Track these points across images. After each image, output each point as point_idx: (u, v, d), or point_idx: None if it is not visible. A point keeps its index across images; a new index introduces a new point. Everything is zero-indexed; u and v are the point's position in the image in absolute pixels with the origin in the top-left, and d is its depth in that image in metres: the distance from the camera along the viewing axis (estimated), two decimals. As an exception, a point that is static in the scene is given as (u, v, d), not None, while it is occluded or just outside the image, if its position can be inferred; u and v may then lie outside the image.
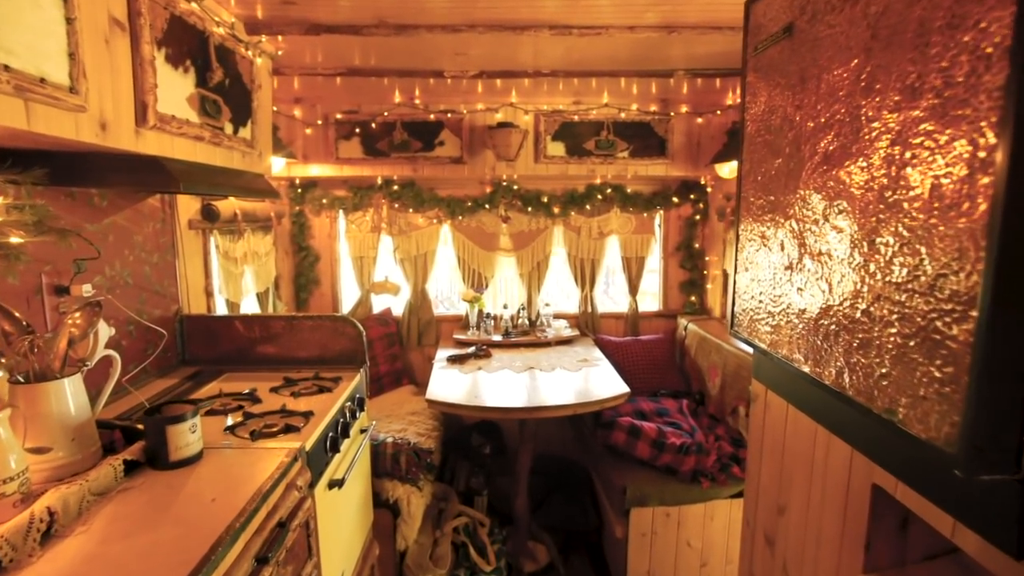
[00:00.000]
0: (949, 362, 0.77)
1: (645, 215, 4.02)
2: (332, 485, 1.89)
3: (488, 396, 2.87)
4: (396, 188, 3.82)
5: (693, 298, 4.10)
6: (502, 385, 3.04)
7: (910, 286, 0.85)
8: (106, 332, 1.56)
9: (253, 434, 1.73)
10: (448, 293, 4.42)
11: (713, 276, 3.97)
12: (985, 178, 0.72)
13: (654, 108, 3.60)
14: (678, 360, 3.91)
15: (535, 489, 3.51)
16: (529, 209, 3.91)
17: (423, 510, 2.73)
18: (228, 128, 1.95)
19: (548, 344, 3.80)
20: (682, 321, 3.97)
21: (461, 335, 3.88)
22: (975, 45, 0.73)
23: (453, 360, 3.45)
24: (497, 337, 3.82)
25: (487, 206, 3.88)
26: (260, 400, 2.07)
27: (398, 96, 3.45)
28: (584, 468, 3.72)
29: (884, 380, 0.91)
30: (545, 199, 3.88)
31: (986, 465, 0.75)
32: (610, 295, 4.80)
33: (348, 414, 2.14)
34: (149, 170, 1.55)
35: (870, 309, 0.94)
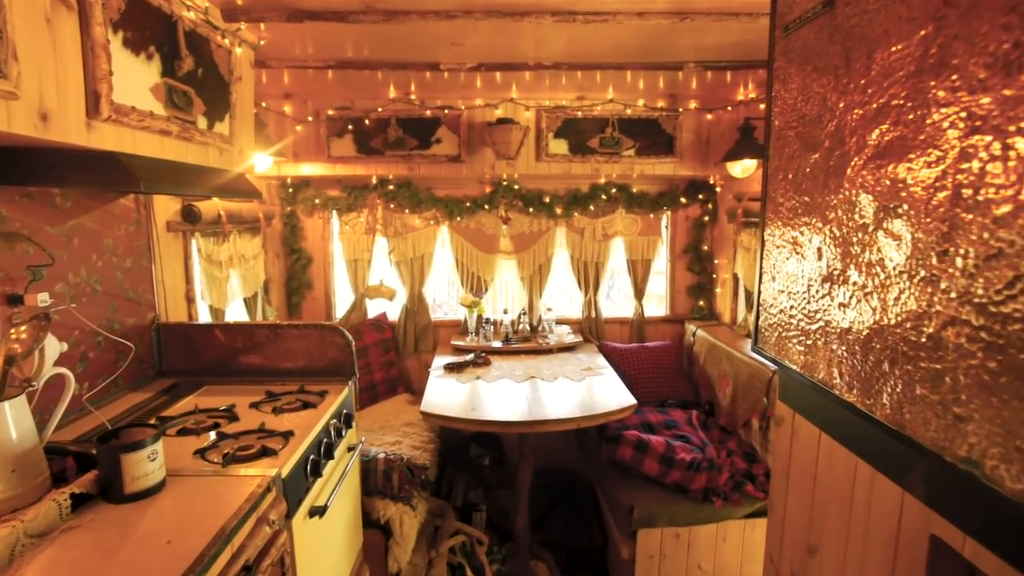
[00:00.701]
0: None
1: (651, 216, 3.85)
2: (313, 513, 1.72)
3: (487, 408, 2.71)
4: (392, 188, 3.65)
5: (701, 303, 3.93)
6: (502, 396, 2.87)
7: (1001, 309, 0.68)
8: (56, 348, 1.40)
9: (226, 458, 1.57)
10: (446, 297, 4.25)
11: (723, 280, 3.80)
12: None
13: (661, 104, 3.44)
14: (686, 368, 3.74)
15: (536, 503, 3.35)
16: (530, 210, 3.74)
17: (417, 530, 2.57)
18: (201, 122, 1.79)
19: (550, 351, 3.64)
20: (690, 327, 3.80)
21: (459, 341, 3.72)
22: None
23: (450, 368, 3.28)
24: (497, 343, 3.66)
25: (486, 207, 3.71)
26: (238, 417, 1.91)
27: (393, 91, 3.29)
28: (588, 480, 3.55)
29: (963, 423, 0.74)
30: (547, 199, 3.72)
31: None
32: (612, 298, 4.64)
33: (333, 432, 1.97)
34: (105, 167, 1.39)
35: (941, 335, 0.78)
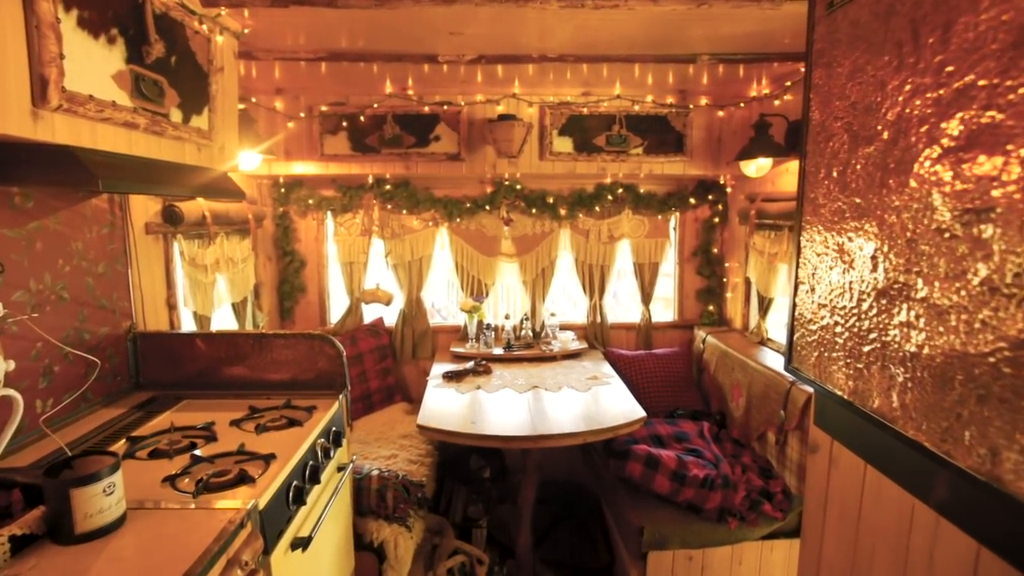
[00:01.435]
0: None
1: (659, 217, 3.70)
2: (296, 546, 1.57)
3: (487, 421, 2.56)
4: (389, 188, 3.50)
5: (711, 307, 3.77)
6: (503, 407, 2.72)
7: None
8: (0, 367, 1.25)
9: (198, 486, 1.42)
10: (445, 302, 4.09)
11: (733, 284, 3.64)
12: None
13: (671, 100, 3.28)
14: (695, 376, 3.59)
15: (539, 518, 3.19)
16: (533, 211, 3.59)
17: (412, 552, 2.41)
18: (175, 115, 1.63)
19: (553, 358, 3.48)
20: (699, 333, 3.64)
21: (459, 348, 3.56)
22: None
23: (449, 377, 3.13)
24: (498, 350, 3.50)
25: (487, 207, 3.56)
26: (216, 437, 1.75)
27: (389, 86, 3.14)
28: (593, 494, 3.39)
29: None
30: (551, 200, 3.56)
31: None
32: (618, 297, 4.48)
33: (321, 454, 1.82)
34: (58, 163, 1.24)
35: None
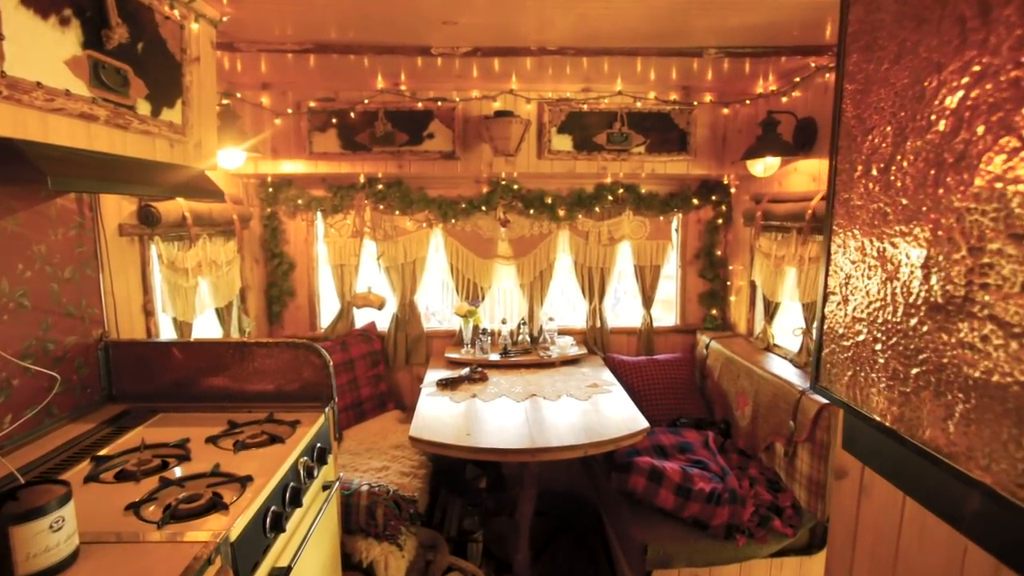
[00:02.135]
0: None
1: (661, 218, 3.58)
2: (273, 577, 1.44)
3: (483, 432, 2.43)
4: (381, 188, 3.37)
5: (714, 311, 3.65)
6: (499, 417, 2.59)
7: None
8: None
9: (166, 513, 1.29)
10: (440, 306, 3.96)
11: (737, 287, 3.52)
12: None
13: (674, 97, 3.16)
14: (698, 382, 3.47)
15: (537, 530, 3.07)
16: (531, 211, 3.47)
17: (404, 571, 2.28)
18: (143, 108, 1.50)
19: (552, 365, 3.36)
20: (703, 338, 3.52)
21: (454, 354, 3.43)
22: None
23: (444, 385, 3.00)
24: (494, 356, 3.37)
25: (483, 208, 3.43)
26: (189, 456, 1.62)
27: (381, 81, 3.01)
28: (594, 505, 3.27)
29: None
30: (549, 200, 3.44)
31: None
32: (617, 311, 4.35)
33: (303, 473, 1.69)
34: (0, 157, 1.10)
35: None
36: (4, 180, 1.21)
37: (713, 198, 3.54)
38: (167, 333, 2.48)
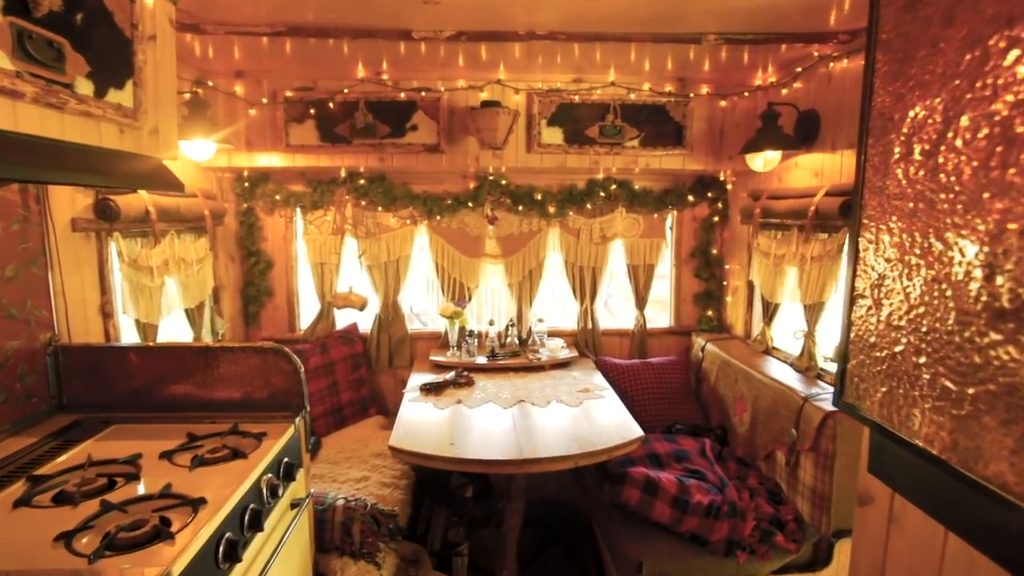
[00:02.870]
0: None
1: (655, 216, 3.45)
2: (226, 614, 1.29)
3: (468, 441, 2.29)
4: (363, 183, 3.21)
5: (710, 312, 3.53)
6: (486, 425, 2.45)
7: None
8: None
9: (102, 543, 1.13)
10: (424, 306, 3.81)
11: (734, 288, 3.40)
12: None
13: (670, 88, 3.03)
14: (693, 386, 3.34)
15: (526, 541, 2.93)
16: (520, 208, 3.32)
17: (383, 591, 2.13)
18: (83, 87, 1.34)
19: (541, 368, 3.21)
20: (698, 340, 3.40)
21: (439, 356, 3.28)
22: None
23: (427, 390, 2.85)
24: (481, 359, 3.23)
25: (470, 204, 3.29)
26: (139, 475, 1.46)
27: (361, 70, 2.85)
28: (585, 515, 3.13)
29: None
30: (539, 196, 3.30)
31: None
32: (611, 309, 4.22)
33: (267, 493, 1.53)
34: None
35: None
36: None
37: (709, 195, 3.41)
38: (129, 336, 2.31)
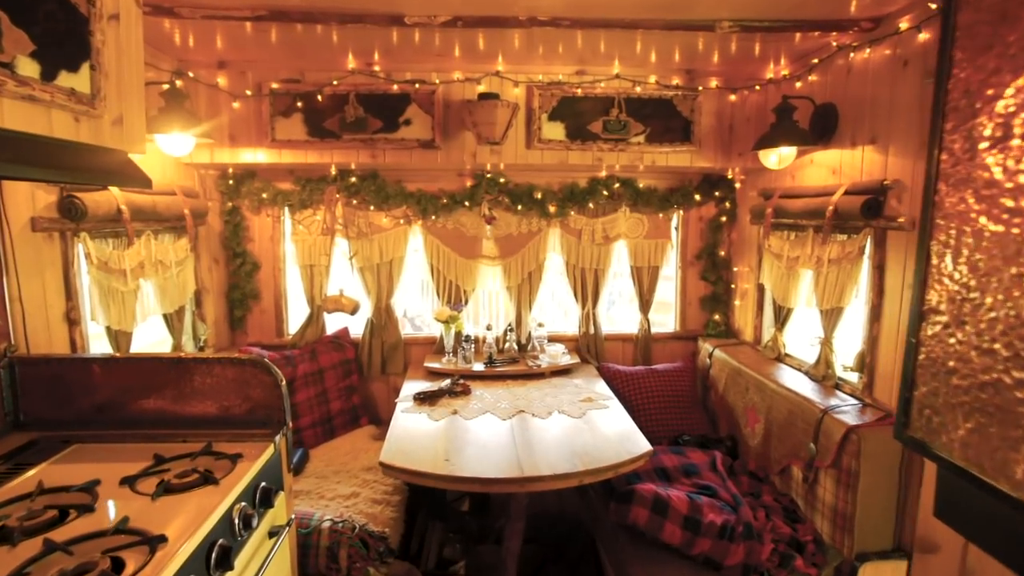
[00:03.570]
0: None
1: (660, 216, 3.31)
2: (187, 670, 1.13)
3: (465, 456, 2.14)
4: (354, 180, 3.06)
5: (717, 317, 3.39)
6: (483, 438, 2.30)
7: None
8: None
9: (42, 592, 0.98)
10: (419, 310, 3.65)
11: (743, 291, 3.25)
12: None
13: (677, 81, 2.88)
14: (701, 394, 3.19)
15: (526, 560, 2.77)
16: (519, 207, 3.18)
17: (372, 621, 1.98)
18: (26, 67, 1.18)
19: (541, 375, 3.06)
20: (705, 346, 3.25)
21: (434, 363, 3.13)
22: None
23: (421, 399, 2.69)
24: (479, 366, 3.08)
25: (467, 203, 3.14)
26: (94, 506, 1.30)
27: (351, 60, 2.69)
28: (588, 532, 2.98)
29: None
30: (539, 195, 3.15)
31: None
32: (612, 319, 4.07)
33: (240, 524, 1.37)
34: None
35: None
36: None
37: (716, 194, 3.27)
38: (100, 345, 2.15)
